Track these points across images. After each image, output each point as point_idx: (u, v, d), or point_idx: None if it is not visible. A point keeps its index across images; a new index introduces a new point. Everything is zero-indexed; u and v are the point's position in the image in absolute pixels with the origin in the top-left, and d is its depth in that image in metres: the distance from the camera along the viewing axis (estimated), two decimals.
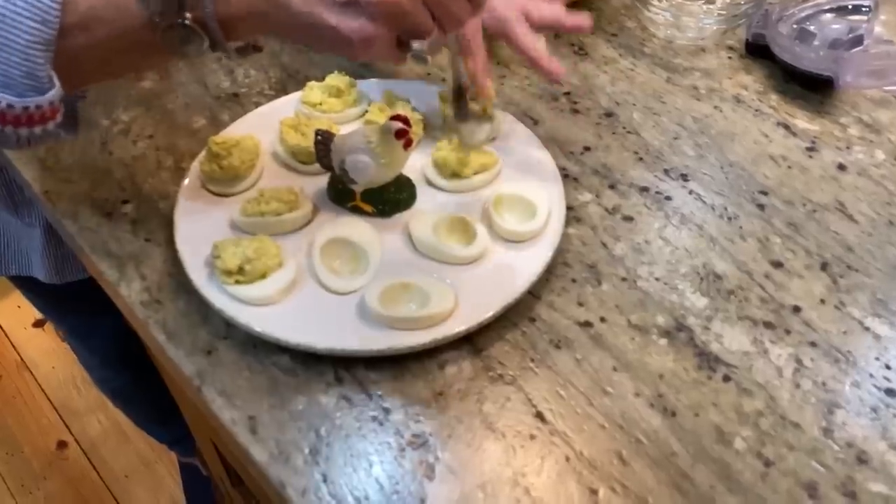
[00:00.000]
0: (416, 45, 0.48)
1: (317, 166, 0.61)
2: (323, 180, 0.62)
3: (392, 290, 0.53)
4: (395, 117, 0.55)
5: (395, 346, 0.51)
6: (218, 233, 0.58)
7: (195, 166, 0.62)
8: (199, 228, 0.58)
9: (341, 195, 0.61)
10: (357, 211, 0.60)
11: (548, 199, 0.59)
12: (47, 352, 1.70)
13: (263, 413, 0.49)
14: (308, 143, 0.61)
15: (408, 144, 0.56)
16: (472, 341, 0.53)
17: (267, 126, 0.65)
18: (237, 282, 0.54)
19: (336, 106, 0.67)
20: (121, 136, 0.67)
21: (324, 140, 0.59)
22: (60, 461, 1.52)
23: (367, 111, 0.67)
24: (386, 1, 0.44)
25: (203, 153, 0.62)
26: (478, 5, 0.47)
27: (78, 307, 0.98)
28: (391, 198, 0.60)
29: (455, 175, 0.61)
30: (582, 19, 0.64)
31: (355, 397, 0.50)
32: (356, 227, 0.58)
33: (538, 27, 0.63)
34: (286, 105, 0.68)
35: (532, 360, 0.52)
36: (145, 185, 0.63)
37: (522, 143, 0.64)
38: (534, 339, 0.53)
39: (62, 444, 1.54)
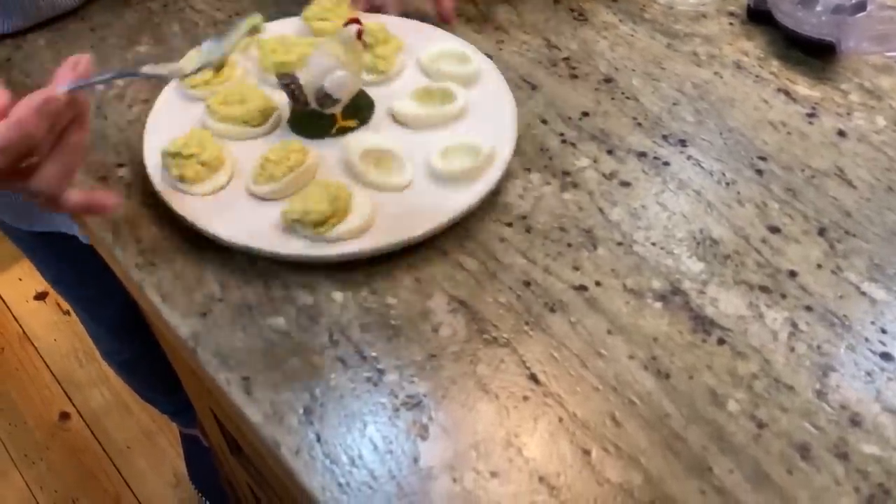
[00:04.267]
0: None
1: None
2: None
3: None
4: (349, 21, 0.58)
5: (307, 254, 0.54)
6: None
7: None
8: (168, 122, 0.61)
9: (319, 128, 0.61)
10: (341, 133, 0.61)
11: (494, 140, 0.59)
12: (49, 324, 1.70)
13: (258, 374, 0.50)
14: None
15: (360, 35, 0.59)
16: (466, 305, 0.53)
17: None
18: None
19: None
20: (116, 100, 0.67)
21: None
22: (63, 432, 1.53)
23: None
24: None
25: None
26: None
27: (85, 279, 0.98)
28: (363, 103, 0.62)
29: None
30: None
31: (350, 359, 0.50)
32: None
33: None
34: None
35: (526, 324, 0.52)
36: (139, 151, 0.62)
37: (490, 87, 0.64)
38: (528, 303, 0.53)
39: (65, 416, 1.55)
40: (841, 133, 0.64)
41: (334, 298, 0.53)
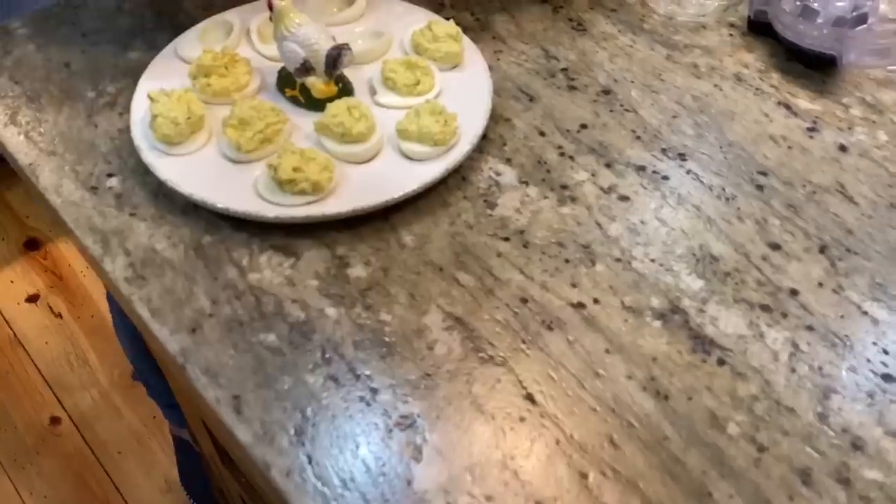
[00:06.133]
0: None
1: None
2: None
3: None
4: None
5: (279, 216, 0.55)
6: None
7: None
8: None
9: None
10: (344, 95, 0.62)
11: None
12: (40, 327, 1.69)
13: (248, 392, 0.49)
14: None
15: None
16: (462, 322, 0.52)
17: None
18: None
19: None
20: (107, 108, 0.66)
21: (341, 49, 0.60)
22: (53, 437, 1.51)
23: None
24: None
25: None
26: None
27: None
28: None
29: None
30: None
31: (342, 377, 0.49)
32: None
33: None
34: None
35: (523, 342, 0.51)
36: (131, 160, 0.61)
37: (470, 74, 0.65)
38: (525, 321, 0.52)
39: (55, 420, 1.54)
40: (842, 148, 0.63)
41: (327, 314, 0.52)
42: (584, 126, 0.64)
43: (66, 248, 1.75)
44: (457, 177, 0.60)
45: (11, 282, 1.75)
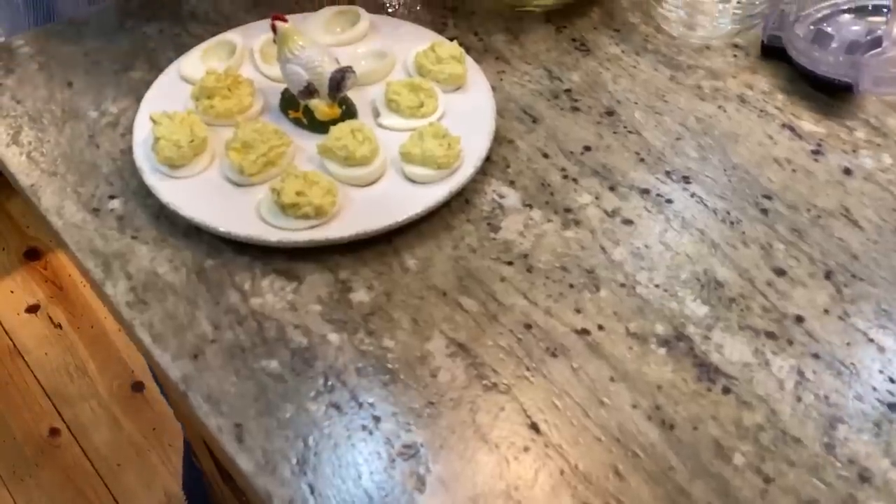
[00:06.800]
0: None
1: None
2: None
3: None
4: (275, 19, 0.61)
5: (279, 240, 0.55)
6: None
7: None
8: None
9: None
10: (348, 117, 0.62)
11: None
12: (40, 338, 1.68)
13: (250, 420, 0.48)
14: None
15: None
16: (465, 348, 0.52)
17: None
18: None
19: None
20: (109, 128, 0.66)
21: (346, 72, 0.60)
22: (53, 448, 1.51)
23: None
24: None
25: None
26: None
27: None
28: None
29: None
30: None
31: (345, 405, 0.49)
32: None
33: None
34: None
35: (528, 369, 0.51)
36: (133, 181, 0.61)
37: (474, 96, 0.65)
38: (529, 347, 0.52)
39: (55, 432, 1.53)
40: (847, 171, 0.63)
41: (330, 340, 0.52)
42: (587, 148, 0.64)
43: (66, 259, 1.74)
44: (460, 199, 0.60)
45: (11, 292, 1.74)
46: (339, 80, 0.59)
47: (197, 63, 0.66)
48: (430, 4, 0.76)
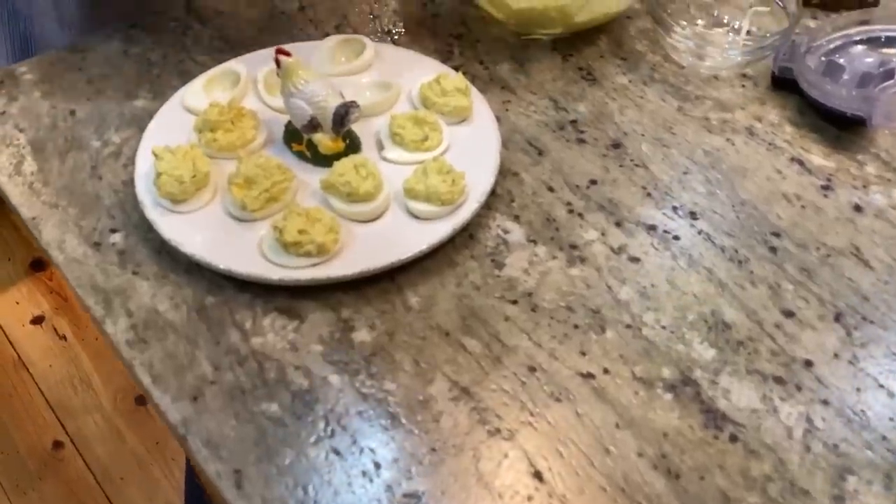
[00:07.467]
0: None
1: None
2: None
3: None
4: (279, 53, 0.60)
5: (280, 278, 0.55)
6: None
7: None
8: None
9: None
10: (352, 151, 0.62)
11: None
12: (44, 350, 1.68)
13: (250, 466, 0.48)
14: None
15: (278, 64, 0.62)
16: (468, 392, 0.51)
17: None
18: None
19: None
20: (111, 158, 0.65)
21: (350, 107, 0.60)
22: (56, 461, 1.51)
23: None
24: None
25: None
26: None
27: None
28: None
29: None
30: None
31: (345, 451, 0.48)
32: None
33: None
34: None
35: (531, 414, 0.50)
36: (134, 214, 0.61)
37: (479, 129, 0.64)
38: (533, 391, 0.51)
39: (58, 445, 1.53)
40: (857, 208, 0.62)
41: (331, 382, 0.52)
42: (593, 182, 0.63)
43: None
44: (464, 234, 0.59)
45: (17, 303, 1.74)
46: (343, 115, 0.59)
47: (200, 93, 0.66)
48: (435, 32, 0.75)
